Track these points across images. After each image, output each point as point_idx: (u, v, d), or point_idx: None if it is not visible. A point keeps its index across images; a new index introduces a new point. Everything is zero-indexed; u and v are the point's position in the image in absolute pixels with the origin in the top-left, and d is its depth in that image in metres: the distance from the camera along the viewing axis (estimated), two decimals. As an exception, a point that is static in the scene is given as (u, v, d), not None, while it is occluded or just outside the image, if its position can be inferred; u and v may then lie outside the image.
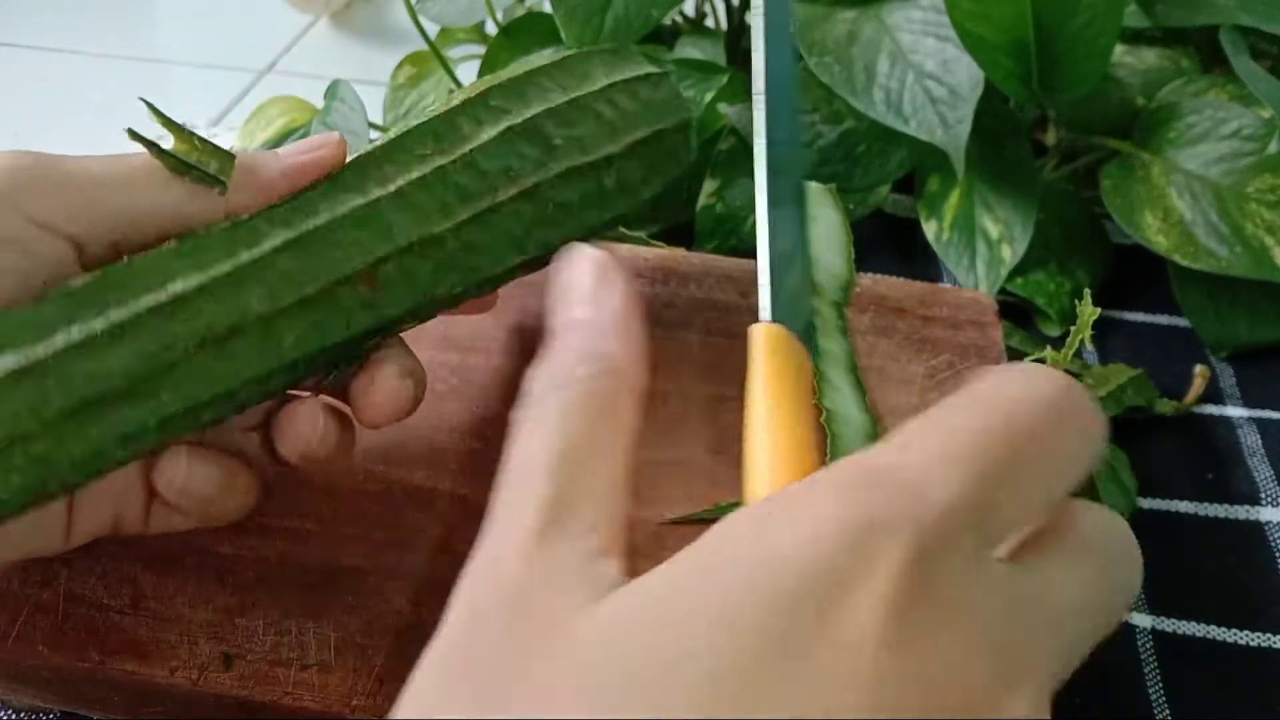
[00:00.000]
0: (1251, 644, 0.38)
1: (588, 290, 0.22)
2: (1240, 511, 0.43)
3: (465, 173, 0.32)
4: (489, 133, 0.33)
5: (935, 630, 0.16)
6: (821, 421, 0.36)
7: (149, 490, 0.31)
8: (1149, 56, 0.58)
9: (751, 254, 0.47)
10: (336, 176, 0.31)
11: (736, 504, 0.35)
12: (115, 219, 0.28)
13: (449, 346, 0.39)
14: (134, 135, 0.30)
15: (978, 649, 0.16)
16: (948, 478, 0.17)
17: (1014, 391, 0.19)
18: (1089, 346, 0.51)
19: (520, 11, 0.62)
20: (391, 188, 0.31)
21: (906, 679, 0.16)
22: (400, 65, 0.67)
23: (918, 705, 0.16)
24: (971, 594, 0.17)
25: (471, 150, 0.32)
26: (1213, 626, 0.38)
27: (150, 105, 0.30)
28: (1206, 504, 0.43)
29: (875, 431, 0.37)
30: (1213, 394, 0.48)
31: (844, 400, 0.38)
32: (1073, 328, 0.39)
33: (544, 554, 0.18)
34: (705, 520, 0.34)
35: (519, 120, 0.34)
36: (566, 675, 0.16)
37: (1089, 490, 0.41)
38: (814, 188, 0.45)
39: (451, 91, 0.34)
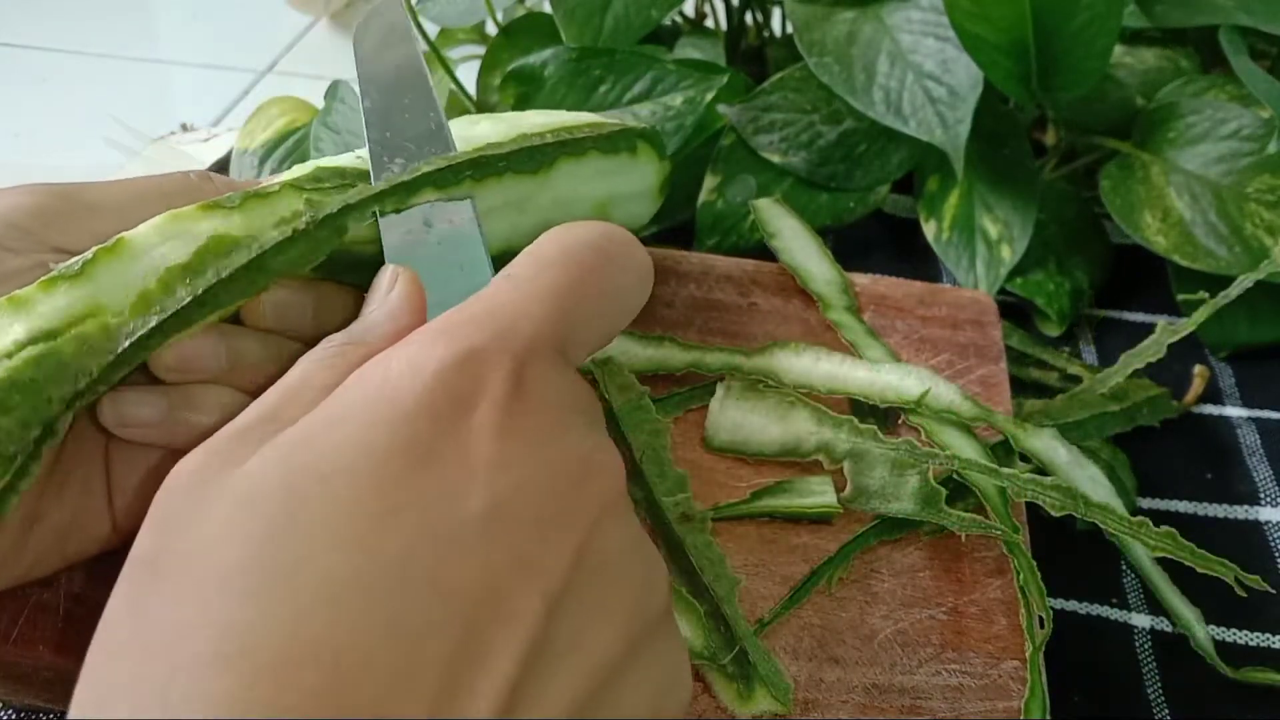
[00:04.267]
0: (1251, 644, 0.38)
1: (379, 293, 0.27)
2: (1240, 511, 0.43)
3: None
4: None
5: (535, 416, 0.21)
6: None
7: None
8: (1148, 56, 0.58)
9: (751, 252, 0.48)
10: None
11: (737, 503, 0.35)
12: None
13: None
14: None
15: (570, 421, 0.22)
16: (532, 312, 0.23)
17: (576, 239, 0.25)
18: (1088, 346, 0.51)
19: (520, 12, 0.62)
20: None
21: (521, 458, 0.20)
22: (400, 65, 0.67)
23: (534, 475, 0.20)
24: (559, 390, 0.22)
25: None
26: (1212, 626, 0.38)
27: None
28: (1206, 504, 0.43)
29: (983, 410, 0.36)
30: (1212, 394, 0.48)
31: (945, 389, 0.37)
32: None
33: (232, 443, 0.21)
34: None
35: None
36: (228, 505, 0.19)
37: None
38: (763, 204, 0.45)
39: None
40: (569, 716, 0.19)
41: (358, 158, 0.33)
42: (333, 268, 0.31)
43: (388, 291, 0.27)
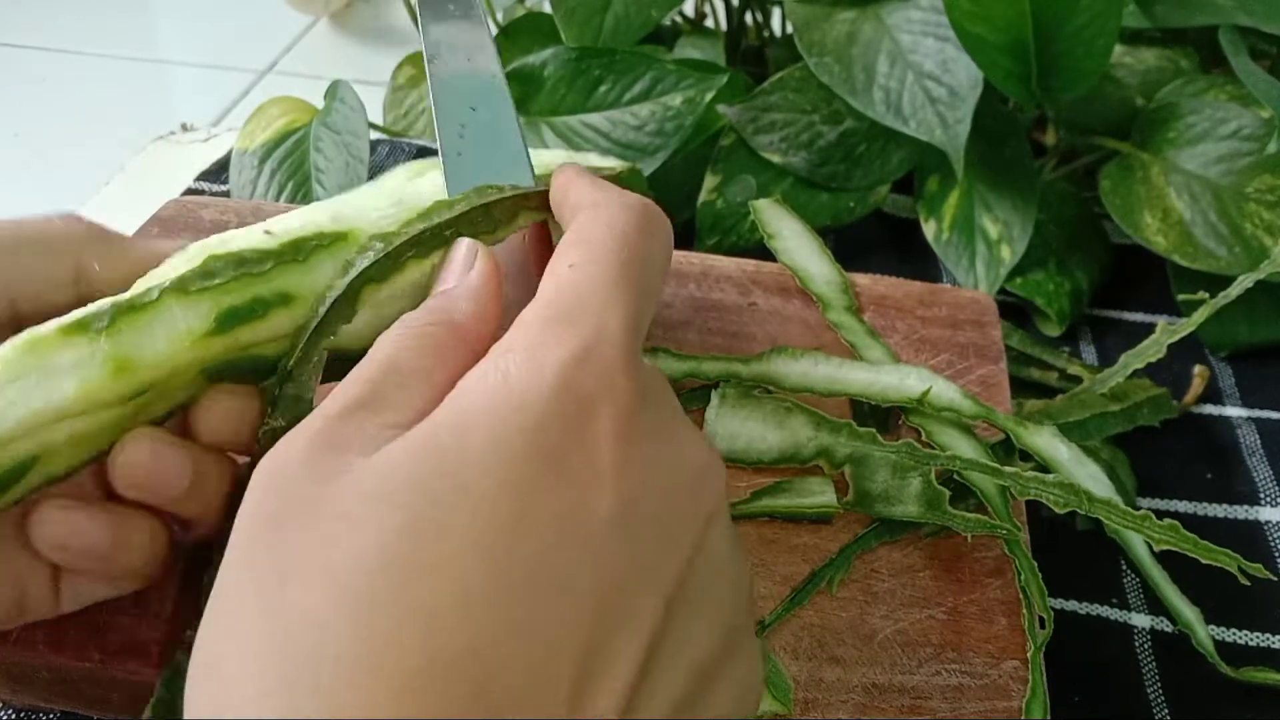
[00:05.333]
0: (1251, 644, 0.38)
1: (456, 268, 0.27)
2: (1240, 511, 0.43)
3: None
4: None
5: (649, 416, 0.21)
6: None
7: (52, 564, 0.28)
8: (1148, 57, 0.58)
9: (751, 252, 0.48)
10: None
11: (737, 504, 0.35)
12: (44, 280, 0.28)
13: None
14: None
15: (676, 422, 0.22)
16: (615, 303, 0.23)
17: (617, 223, 0.25)
18: (1088, 346, 0.51)
19: (520, 12, 0.62)
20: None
21: (641, 461, 0.21)
22: (400, 65, 0.67)
23: (653, 478, 0.21)
24: (657, 385, 0.23)
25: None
26: (1212, 626, 0.38)
27: None
28: (1206, 504, 0.43)
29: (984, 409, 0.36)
30: (1212, 394, 0.48)
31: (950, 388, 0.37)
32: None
33: (337, 426, 0.21)
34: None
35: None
36: (360, 498, 0.19)
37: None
38: (763, 204, 0.45)
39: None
40: (672, 715, 0.19)
41: (266, 234, 0.28)
42: (226, 372, 0.28)
43: (466, 268, 0.26)
